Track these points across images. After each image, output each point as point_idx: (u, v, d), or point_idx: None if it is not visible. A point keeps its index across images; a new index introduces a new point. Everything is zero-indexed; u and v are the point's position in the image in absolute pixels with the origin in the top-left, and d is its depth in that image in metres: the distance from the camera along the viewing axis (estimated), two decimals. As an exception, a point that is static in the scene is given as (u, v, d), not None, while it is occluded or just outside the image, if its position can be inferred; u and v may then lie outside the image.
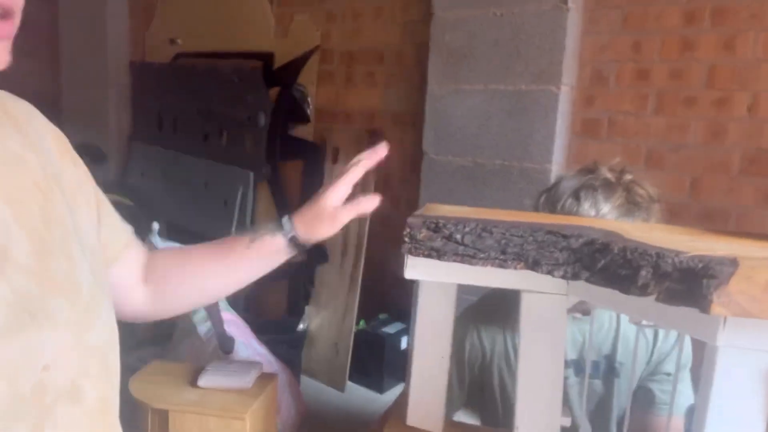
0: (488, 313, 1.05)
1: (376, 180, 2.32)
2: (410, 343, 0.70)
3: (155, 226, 1.90)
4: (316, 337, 2.35)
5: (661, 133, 1.83)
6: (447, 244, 0.69)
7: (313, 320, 2.35)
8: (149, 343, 1.98)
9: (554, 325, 0.70)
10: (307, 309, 2.35)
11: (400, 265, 0.68)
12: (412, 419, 0.74)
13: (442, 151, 2.06)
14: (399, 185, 2.38)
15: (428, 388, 0.76)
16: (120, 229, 0.63)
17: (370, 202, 0.67)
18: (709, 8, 1.72)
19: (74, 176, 0.54)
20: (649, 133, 1.85)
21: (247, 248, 0.66)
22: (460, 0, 1.97)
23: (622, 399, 0.99)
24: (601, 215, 0.85)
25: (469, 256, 0.69)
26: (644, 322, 0.66)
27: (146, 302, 0.66)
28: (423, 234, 0.69)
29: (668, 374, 0.98)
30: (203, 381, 1.02)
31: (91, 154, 2.89)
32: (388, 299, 2.34)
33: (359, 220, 2.29)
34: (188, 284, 0.67)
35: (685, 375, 0.99)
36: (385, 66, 2.42)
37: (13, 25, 0.43)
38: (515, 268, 0.67)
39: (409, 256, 0.69)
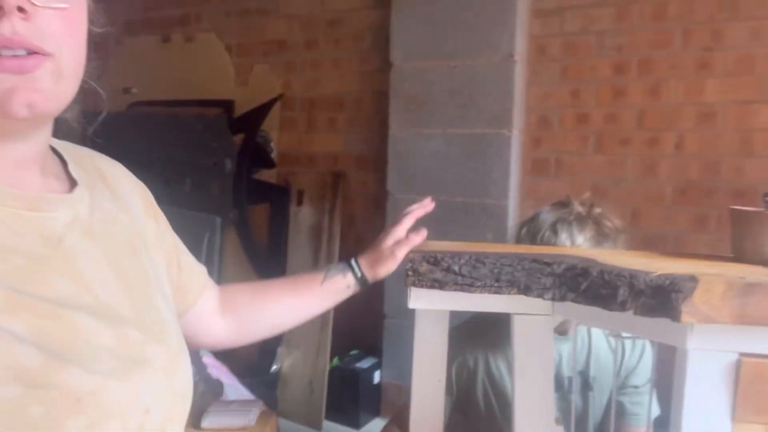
0: (470, 337, 1.13)
1: (342, 221, 2.41)
2: (383, 373, 0.77)
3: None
4: (289, 377, 2.36)
5: (603, 170, 2.04)
6: (447, 275, 0.79)
7: (286, 360, 2.36)
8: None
9: (542, 342, 0.80)
10: (279, 350, 2.36)
11: (370, 301, 0.77)
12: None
13: (405, 191, 2.18)
14: (363, 225, 2.47)
15: (428, 408, 0.84)
16: (198, 272, 0.69)
17: (419, 237, 0.79)
18: (635, 60, 1.97)
19: (155, 232, 0.60)
20: (592, 170, 2.05)
21: (319, 285, 0.75)
22: (417, 52, 2.14)
23: (597, 411, 1.10)
24: (576, 245, 0.94)
25: (467, 284, 0.78)
26: (623, 335, 0.77)
27: (227, 332, 0.73)
28: (424, 267, 0.79)
29: (635, 386, 1.08)
30: (207, 422, 1.05)
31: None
32: (358, 335, 2.39)
33: (326, 259, 2.36)
34: (264, 316, 0.75)
35: (648, 389, 1.07)
36: (346, 112, 2.54)
37: (40, 61, 0.40)
38: (509, 293, 0.77)
39: (413, 288, 0.78)
